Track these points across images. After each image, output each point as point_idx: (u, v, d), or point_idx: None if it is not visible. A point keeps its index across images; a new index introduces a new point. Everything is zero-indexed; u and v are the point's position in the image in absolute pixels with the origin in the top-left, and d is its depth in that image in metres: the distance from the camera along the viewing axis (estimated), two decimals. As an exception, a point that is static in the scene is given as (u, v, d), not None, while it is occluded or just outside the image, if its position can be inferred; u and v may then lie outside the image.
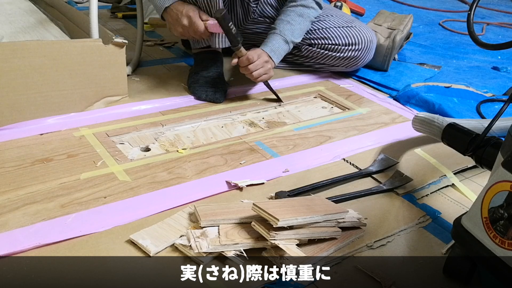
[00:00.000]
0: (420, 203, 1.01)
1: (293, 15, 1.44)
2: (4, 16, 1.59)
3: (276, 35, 1.41)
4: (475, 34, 0.87)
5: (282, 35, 1.41)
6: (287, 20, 1.43)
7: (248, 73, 1.36)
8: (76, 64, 1.21)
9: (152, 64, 1.65)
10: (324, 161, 1.14)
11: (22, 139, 1.13)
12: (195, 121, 1.30)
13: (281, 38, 1.41)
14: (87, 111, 1.26)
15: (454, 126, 1.03)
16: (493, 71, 1.88)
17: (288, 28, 1.42)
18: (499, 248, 0.70)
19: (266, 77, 1.39)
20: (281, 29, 1.42)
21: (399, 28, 1.71)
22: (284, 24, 1.43)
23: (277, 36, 1.41)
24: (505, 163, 0.70)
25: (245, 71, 1.36)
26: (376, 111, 1.44)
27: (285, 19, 1.44)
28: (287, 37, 1.42)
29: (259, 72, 1.36)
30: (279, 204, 0.84)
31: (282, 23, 1.43)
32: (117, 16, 2.18)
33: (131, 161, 1.08)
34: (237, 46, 1.32)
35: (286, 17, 1.44)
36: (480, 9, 3.00)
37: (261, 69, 1.36)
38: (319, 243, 0.84)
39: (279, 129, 1.29)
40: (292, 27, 1.43)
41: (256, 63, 1.34)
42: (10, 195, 0.93)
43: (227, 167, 1.09)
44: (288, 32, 1.42)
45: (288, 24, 1.43)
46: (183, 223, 0.87)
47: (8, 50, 1.11)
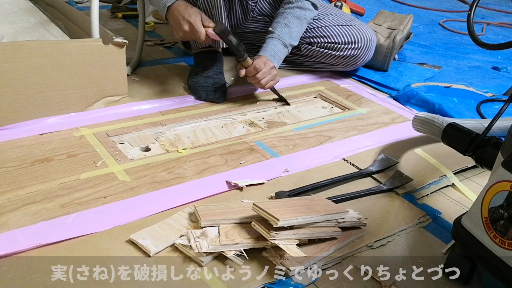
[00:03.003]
0: (420, 203, 1.01)
1: (290, 18, 1.43)
2: (4, 16, 1.59)
3: (275, 40, 1.41)
4: (475, 34, 0.87)
5: (281, 39, 1.41)
6: (284, 23, 1.42)
7: (256, 82, 1.36)
8: (76, 64, 1.21)
9: (152, 64, 1.65)
10: (324, 161, 1.14)
11: (22, 139, 1.13)
12: (195, 121, 1.30)
13: (279, 42, 1.41)
14: (87, 111, 1.27)
15: (454, 126, 1.02)
16: (493, 71, 1.88)
17: (286, 32, 1.41)
18: (499, 248, 0.70)
19: (273, 83, 1.40)
20: (279, 33, 1.41)
21: (399, 28, 1.71)
22: (281, 27, 1.42)
23: (275, 40, 1.41)
24: (505, 163, 0.71)
25: (253, 81, 1.36)
26: (376, 111, 1.44)
27: (282, 21, 1.42)
28: (286, 41, 1.41)
29: (267, 79, 1.36)
30: (279, 204, 0.84)
31: (280, 26, 1.42)
32: (117, 16, 2.18)
33: (131, 161, 1.08)
34: (243, 58, 1.32)
35: (284, 19, 1.43)
36: (480, 9, 3.00)
37: (268, 76, 1.36)
38: (319, 243, 0.84)
39: (279, 129, 1.29)
40: (290, 30, 1.42)
41: (263, 71, 1.34)
42: (10, 195, 0.93)
43: (227, 167, 1.09)
44: (286, 36, 1.41)
45: (286, 27, 1.42)
46: (183, 223, 0.87)
47: (8, 50, 1.11)
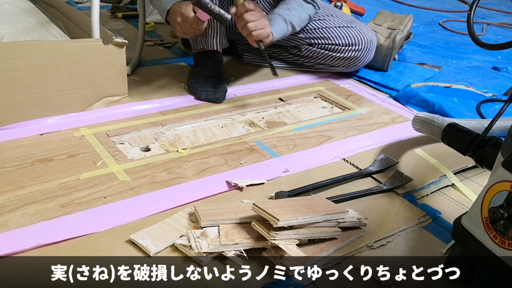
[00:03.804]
0: (420, 203, 1.01)
1: (293, 4, 1.45)
2: (4, 16, 1.59)
3: (275, 15, 1.42)
4: (475, 34, 0.87)
5: (281, 15, 1.42)
6: (286, 7, 1.44)
7: (243, 25, 1.26)
8: (76, 64, 1.21)
9: (152, 64, 1.65)
10: (324, 161, 1.14)
11: (22, 139, 1.13)
12: (195, 121, 1.30)
13: (280, 17, 1.41)
14: (87, 111, 1.26)
15: (454, 126, 1.02)
16: (493, 71, 1.88)
17: (287, 13, 1.43)
18: (499, 248, 0.70)
19: (263, 33, 1.29)
20: (280, 12, 1.43)
21: (399, 28, 1.71)
22: (283, 10, 1.44)
23: (275, 15, 1.41)
24: (505, 163, 0.70)
25: (240, 23, 1.27)
26: (376, 111, 1.44)
27: (284, 6, 1.45)
28: (286, 17, 1.42)
29: (255, 24, 1.26)
30: (279, 204, 0.84)
31: (281, 9, 1.44)
32: (117, 16, 2.18)
33: (131, 161, 1.08)
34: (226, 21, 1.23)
35: (286, 5, 1.45)
36: (480, 9, 3.00)
37: (258, 22, 1.26)
38: (319, 243, 0.84)
39: (279, 129, 1.29)
40: (291, 13, 1.44)
41: (253, 13, 1.25)
42: (10, 195, 0.93)
43: (227, 167, 1.09)
44: (287, 15, 1.43)
45: (287, 10, 1.44)
46: (183, 223, 0.87)
47: (8, 50, 1.11)
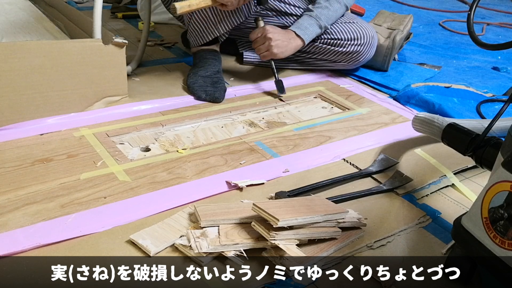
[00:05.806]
0: (420, 203, 1.01)
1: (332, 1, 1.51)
2: (4, 16, 1.59)
3: (311, 18, 1.48)
4: (475, 34, 0.87)
5: (317, 20, 1.48)
6: (325, 5, 1.50)
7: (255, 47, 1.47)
8: (76, 64, 1.21)
9: (152, 64, 1.65)
10: (324, 161, 1.14)
11: (22, 139, 1.13)
12: (195, 121, 1.30)
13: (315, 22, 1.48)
14: (87, 111, 1.26)
15: (454, 126, 1.02)
16: (493, 71, 1.88)
17: (325, 13, 1.49)
18: (499, 248, 0.70)
19: (267, 54, 1.46)
20: (318, 13, 1.49)
21: (399, 28, 1.71)
22: (321, 8, 1.50)
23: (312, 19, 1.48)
24: (505, 163, 0.70)
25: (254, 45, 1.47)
26: (376, 111, 1.44)
27: (324, 3, 1.50)
28: (321, 22, 1.49)
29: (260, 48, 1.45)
30: (279, 204, 0.84)
31: (320, 7, 1.50)
32: (117, 16, 2.18)
33: (131, 161, 1.08)
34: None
35: (325, 2, 1.51)
36: (480, 9, 3.00)
37: (262, 46, 1.45)
38: (319, 243, 0.84)
39: (279, 129, 1.29)
40: (329, 12, 1.50)
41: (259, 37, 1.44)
42: (10, 195, 0.93)
43: (227, 167, 1.09)
44: (324, 17, 1.49)
45: (326, 8, 1.50)
46: (183, 223, 0.87)
47: (8, 50, 1.11)
